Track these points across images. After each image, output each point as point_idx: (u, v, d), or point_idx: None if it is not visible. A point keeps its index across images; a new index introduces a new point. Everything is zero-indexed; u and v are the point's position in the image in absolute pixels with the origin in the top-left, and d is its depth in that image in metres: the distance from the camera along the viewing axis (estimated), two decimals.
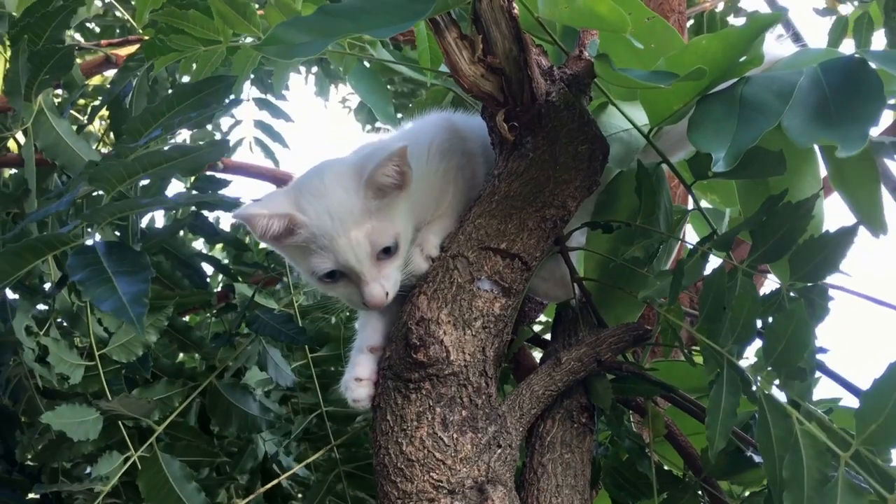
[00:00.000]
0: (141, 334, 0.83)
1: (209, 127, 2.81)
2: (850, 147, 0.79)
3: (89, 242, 0.95)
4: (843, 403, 1.27)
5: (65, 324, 1.69)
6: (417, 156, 1.15)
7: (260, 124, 2.59)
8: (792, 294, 0.94)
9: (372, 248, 1.07)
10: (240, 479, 1.85)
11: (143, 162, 0.93)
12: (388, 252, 1.08)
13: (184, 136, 2.87)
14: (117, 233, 1.46)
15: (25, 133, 1.43)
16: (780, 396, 0.89)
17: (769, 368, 0.88)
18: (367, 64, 1.63)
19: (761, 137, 0.83)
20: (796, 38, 1.21)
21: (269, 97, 2.57)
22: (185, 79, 1.62)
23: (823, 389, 1.30)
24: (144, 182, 1.15)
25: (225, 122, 2.97)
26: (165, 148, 0.95)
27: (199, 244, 2.74)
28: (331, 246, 1.07)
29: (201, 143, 0.91)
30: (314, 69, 3.74)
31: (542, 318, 1.69)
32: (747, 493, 1.31)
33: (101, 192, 1.07)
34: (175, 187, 2.40)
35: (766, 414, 0.87)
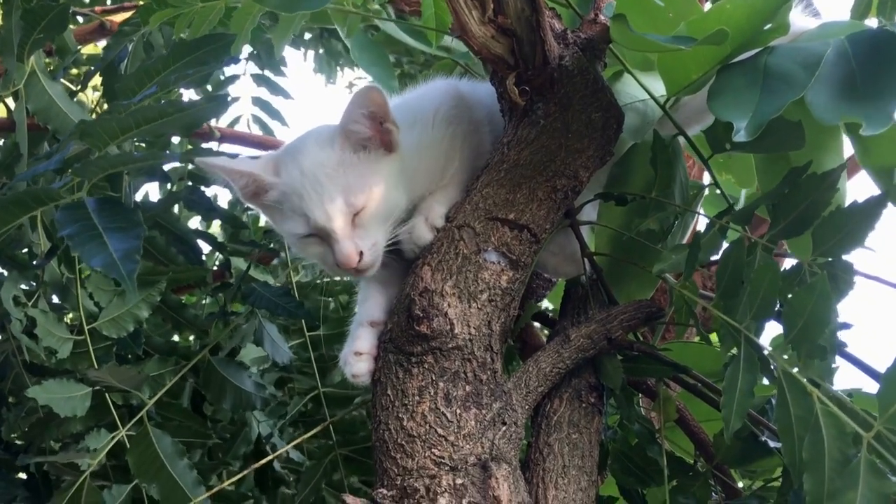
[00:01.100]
0: (133, 290, 0.81)
1: None
2: (876, 125, 0.78)
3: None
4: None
5: (54, 299, 1.68)
6: (423, 122, 1.14)
7: (258, 101, 2.57)
8: (813, 269, 0.93)
9: (346, 205, 1.05)
10: (233, 465, 1.84)
11: (136, 117, 0.91)
12: (358, 210, 1.06)
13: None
14: None
15: (16, 96, 1.41)
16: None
17: (790, 345, 0.86)
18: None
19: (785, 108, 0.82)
20: (815, 15, 1.19)
21: (268, 73, 2.56)
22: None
23: (843, 378, 1.29)
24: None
25: None
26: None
27: (193, 223, 2.73)
28: (301, 205, 1.06)
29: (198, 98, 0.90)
30: (320, 50, 3.72)
31: (549, 304, 1.68)
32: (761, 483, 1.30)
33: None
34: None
35: (785, 392, 0.85)
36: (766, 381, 1.00)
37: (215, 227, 2.73)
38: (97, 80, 1.91)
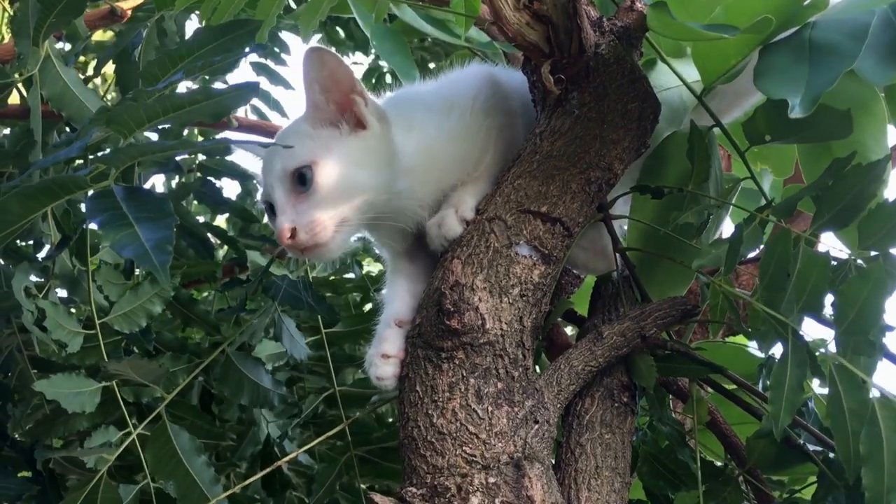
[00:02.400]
0: (166, 281, 0.82)
1: None
2: None
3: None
4: None
5: (63, 293, 1.69)
6: (461, 108, 1.14)
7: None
8: (860, 262, 0.94)
9: (282, 170, 1.05)
10: (240, 467, 1.85)
11: (164, 104, 0.92)
12: (303, 183, 1.04)
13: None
14: None
15: (30, 81, 1.42)
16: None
17: (838, 339, 0.87)
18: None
19: (838, 80, 0.83)
20: None
21: (269, 62, 2.56)
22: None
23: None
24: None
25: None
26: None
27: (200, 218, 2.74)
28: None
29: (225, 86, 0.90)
30: (321, 37, 3.72)
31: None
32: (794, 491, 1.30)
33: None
34: None
35: (837, 385, 0.86)
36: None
37: (220, 221, 2.74)
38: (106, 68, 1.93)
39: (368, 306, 1.92)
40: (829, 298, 0.93)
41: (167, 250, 0.82)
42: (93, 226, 0.88)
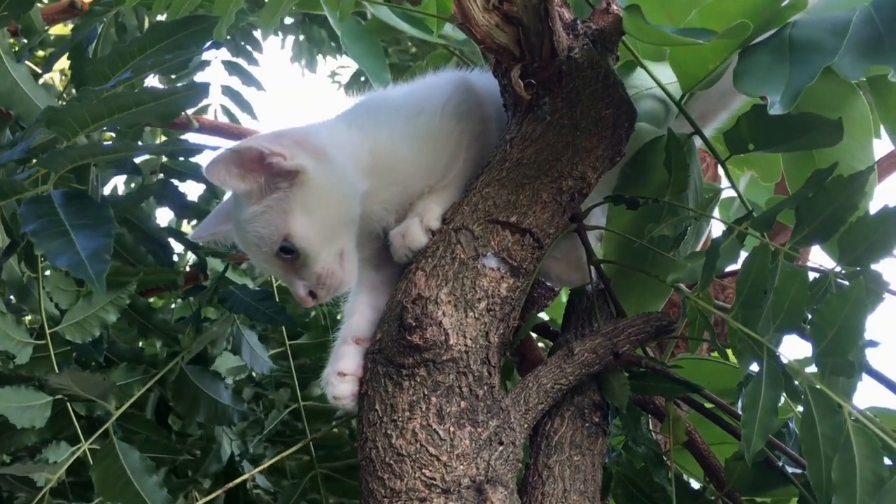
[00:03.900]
0: (102, 292, 0.81)
1: None
2: None
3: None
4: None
5: (12, 299, 1.66)
6: (430, 112, 1.14)
7: (228, 91, 2.54)
8: (839, 280, 0.93)
9: (267, 255, 1.08)
10: (202, 483, 1.82)
11: (109, 105, 0.90)
12: (290, 252, 1.07)
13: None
14: None
15: None
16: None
17: (816, 360, 0.86)
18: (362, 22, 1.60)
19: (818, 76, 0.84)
20: None
21: (241, 61, 2.55)
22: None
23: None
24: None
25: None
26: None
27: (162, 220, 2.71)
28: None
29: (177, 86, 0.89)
30: (300, 37, 3.71)
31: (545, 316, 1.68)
32: None
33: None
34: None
35: (811, 409, 0.85)
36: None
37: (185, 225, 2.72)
38: (64, 62, 1.90)
39: (337, 317, 1.91)
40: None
41: (104, 259, 0.80)
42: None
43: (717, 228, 1.83)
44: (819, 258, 1.52)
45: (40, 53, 2.23)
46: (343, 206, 1.10)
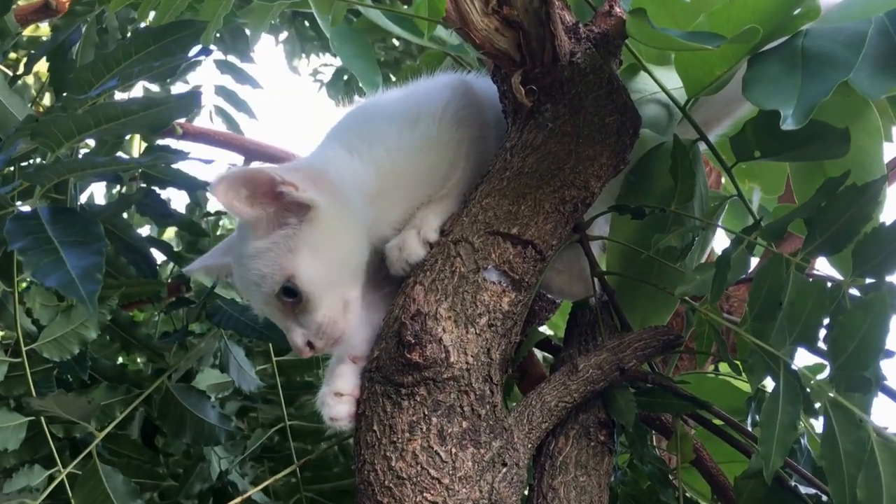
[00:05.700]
0: (94, 315, 0.81)
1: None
2: None
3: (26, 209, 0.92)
4: None
5: None
6: (428, 118, 1.14)
7: (222, 90, 2.53)
8: (853, 291, 0.94)
9: (266, 296, 1.07)
10: None
11: (95, 115, 0.90)
12: (292, 295, 1.05)
13: None
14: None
15: None
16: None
17: (833, 373, 0.87)
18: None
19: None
20: None
21: (233, 59, 2.53)
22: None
23: None
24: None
25: (180, 88, 2.94)
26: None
27: (144, 231, 2.71)
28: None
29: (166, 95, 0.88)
30: (285, 34, 3.71)
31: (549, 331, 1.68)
32: None
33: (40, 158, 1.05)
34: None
35: (833, 425, 0.86)
36: None
37: (169, 234, 2.72)
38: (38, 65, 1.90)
39: None
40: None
41: (96, 279, 0.80)
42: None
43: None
44: (822, 268, 1.53)
45: (12, 56, 2.22)
46: (353, 249, 1.09)
